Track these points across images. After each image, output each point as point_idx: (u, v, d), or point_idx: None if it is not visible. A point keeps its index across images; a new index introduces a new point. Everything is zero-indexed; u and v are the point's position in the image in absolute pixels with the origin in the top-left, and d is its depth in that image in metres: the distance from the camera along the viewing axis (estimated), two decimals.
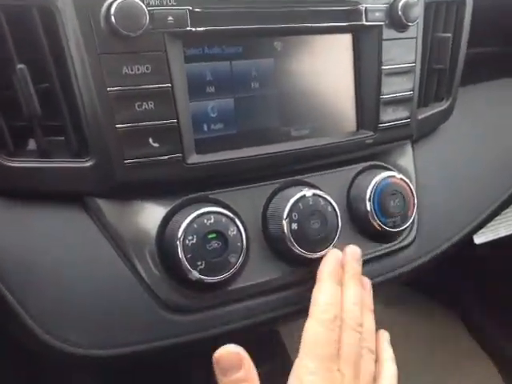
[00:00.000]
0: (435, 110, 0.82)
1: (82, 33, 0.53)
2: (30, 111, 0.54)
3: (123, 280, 0.58)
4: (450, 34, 0.79)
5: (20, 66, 0.53)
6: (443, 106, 0.83)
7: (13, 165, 0.55)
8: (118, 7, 0.52)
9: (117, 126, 0.55)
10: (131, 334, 0.58)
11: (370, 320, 0.63)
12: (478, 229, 0.83)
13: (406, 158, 0.79)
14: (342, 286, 0.61)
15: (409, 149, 0.80)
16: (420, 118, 0.79)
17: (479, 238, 1.07)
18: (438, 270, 1.52)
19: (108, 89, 0.54)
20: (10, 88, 0.54)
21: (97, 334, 0.57)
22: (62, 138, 0.58)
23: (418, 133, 0.79)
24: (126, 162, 0.57)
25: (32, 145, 0.58)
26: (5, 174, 0.55)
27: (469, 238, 0.83)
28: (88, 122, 0.56)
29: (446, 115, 0.84)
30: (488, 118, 0.90)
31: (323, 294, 0.60)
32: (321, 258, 0.64)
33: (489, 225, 1.02)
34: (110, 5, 0.53)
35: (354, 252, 0.64)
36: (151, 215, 0.60)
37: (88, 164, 0.57)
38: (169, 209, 0.61)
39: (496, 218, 0.98)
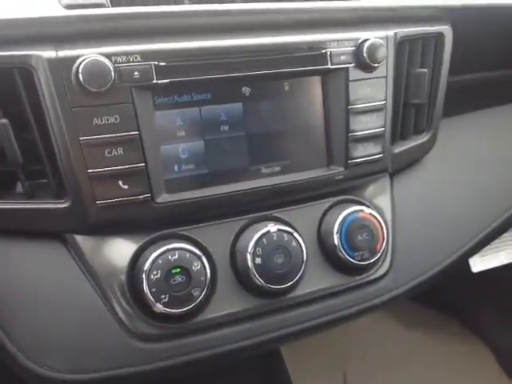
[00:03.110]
0: (414, 143, 0.83)
1: (56, 89, 0.59)
2: (13, 159, 0.61)
3: (95, 311, 0.64)
4: (425, 70, 0.80)
5: (2, 120, 0.59)
6: (423, 138, 0.84)
7: None
8: (85, 66, 0.58)
9: (88, 171, 0.61)
10: (102, 361, 0.63)
11: None
12: (459, 261, 0.84)
13: (382, 191, 0.81)
14: None
15: (386, 182, 0.82)
16: (397, 151, 0.81)
17: (476, 267, 1.07)
18: (456, 289, 1.51)
19: (80, 138, 0.60)
20: None
21: (71, 360, 0.63)
22: (45, 180, 0.64)
23: (395, 166, 0.81)
24: (97, 202, 0.62)
25: (19, 188, 0.64)
26: None
27: (450, 269, 0.84)
28: (64, 167, 0.61)
29: (426, 148, 0.85)
30: (473, 149, 0.91)
31: None
32: (286, 290, 0.67)
33: (487, 252, 1.02)
34: (80, 64, 0.58)
35: None
36: (123, 251, 0.65)
37: (65, 205, 0.63)
38: (139, 245, 0.65)
39: (494, 245, 0.98)
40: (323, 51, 0.70)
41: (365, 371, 1.50)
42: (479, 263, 1.07)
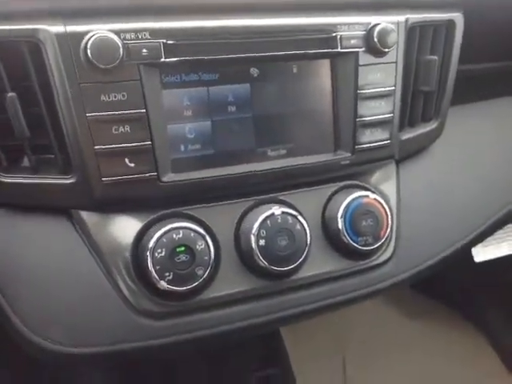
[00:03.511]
0: (422, 131, 0.83)
1: (64, 64, 0.59)
2: (20, 133, 0.61)
3: (100, 286, 0.64)
4: (435, 57, 0.79)
5: (10, 94, 0.59)
6: (431, 126, 0.84)
7: (5, 180, 0.62)
8: (94, 42, 0.58)
9: (95, 147, 0.61)
10: (105, 336, 0.64)
11: None
12: (462, 250, 0.84)
13: (388, 177, 0.81)
14: None
15: (392, 169, 0.81)
16: (404, 138, 0.80)
17: (479, 256, 1.07)
18: (460, 281, 1.52)
19: (87, 114, 0.60)
20: (2, 112, 0.60)
21: (74, 334, 0.64)
22: (52, 155, 0.64)
23: (402, 153, 0.81)
24: (103, 179, 0.62)
25: (26, 162, 0.65)
26: None
27: (453, 257, 0.84)
28: (70, 143, 0.62)
29: (434, 136, 0.85)
30: (480, 138, 0.90)
31: None
32: (289, 273, 0.68)
33: (490, 242, 1.02)
34: (88, 39, 0.58)
35: None
36: (128, 228, 0.66)
37: (71, 181, 0.63)
38: (144, 223, 0.66)
39: (498, 236, 0.98)
40: (333, 34, 0.69)
41: (364, 355, 1.52)
42: (482, 253, 1.07)
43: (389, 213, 0.74)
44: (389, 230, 0.74)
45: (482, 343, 1.59)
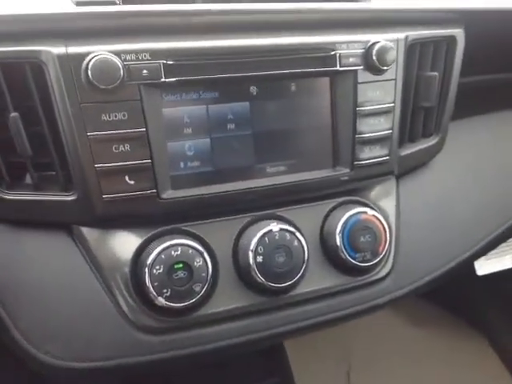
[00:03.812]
0: (422, 146, 0.83)
1: (66, 85, 0.60)
2: (23, 151, 0.62)
3: (99, 301, 0.65)
4: (436, 73, 0.79)
5: (13, 114, 0.61)
6: (431, 141, 0.84)
7: (8, 197, 0.64)
8: (95, 63, 0.59)
9: (96, 165, 0.62)
10: (104, 351, 0.65)
11: None
12: (463, 265, 0.84)
13: (388, 193, 0.81)
14: None
15: (391, 184, 0.82)
16: (404, 154, 0.81)
17: (482, 270, 1.06)
18: (465, 288, 1.51)
19: (88, 134, 0.61)
20: (5, 131, 0.62)
21: (74, 349, 0.65)
22: (53, 172, 0.65)
23: (401, 169, 0.81)
24: (104, 196, 0.63)
25: (28, 179, 0.66)
26: (2, 205, 0.64)
27: (454, 272, 0.84)
28: (72, 161, 0.63)
29: (434, 151, 0.85)
30: (481, 152, 0.90)
31: None
32: (287, 289, 0.68)
33: (492, 255, 1.02)
34: (89, 61, 0.59)
35: None
36: (127, 244, 0.67)
37: (72, 198, 0.64)
38: (144, 239, 0.67)
39: (501, 250, 0.97)
40: (332, 53, 0.70)
41: (368, 362, 1.52)
42: (484, 266, 1.07)
43: (387, 229, 0.74)
44: (387, 245, 0.75)
45: (486, 350, 1.58)
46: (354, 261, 0.73)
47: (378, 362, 1.53)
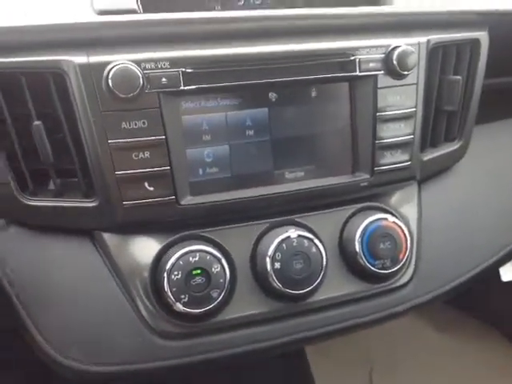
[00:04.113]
0: (445, 151, 0.81)
1: (87, 94, 0.61)
2: (45, 159, 0.64)
3: (119, 306, 0.66)
4: (459, 77, 0.78)
5: (36, 122, 0.62)
6: (454, 146, 0.82)
7: (32, 203, 0.65)
8: (116, 72, 0.60)
9: (116, 172, 0.63)
10: (123, 355, 0.66)
11: None
12: (486, 272, 0.82)
13: (409, 199, 0.80)
14: None
15: (413, 190, 0.80)
16: (426, 159, 0.79)
17: (507, 276, 1.04)
18: (489, 293, 1.48)
19: (109, 141, 0.62)
20: (29, 139, 0.63)
21: (94, 353, 0.66)
22: (75, 179, 0.67)
23: (423, 174, 0.80)
24: (124, 203, 0.64)
25: (51, 186, 0.68)
26: (26, 211, 0.65)
27: (477, 279, 0.82)
28: (93, 168, 0.64)
29: (457, 155, 0.83)
30: (506, 156, 0.88)
31: None
32: (305, 295, 0.68)
33: None
34: (110, 70, 0.60)
35: None
36: (147, 250, 0.68)
37: (93, 204, 0.65)
38: (163, 245, 0.68)
39: None
40: (352, 58, 0.69)
41: (391, 367, 1.50)
42: (510, 272, 1.05)
43: (408, 236, 0.73)
44: (408, 252, 0.73)
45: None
46: (373, 268, 0.72)
47: (400, 365, 1.51)
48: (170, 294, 0.64)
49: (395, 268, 0.73)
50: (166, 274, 0.64)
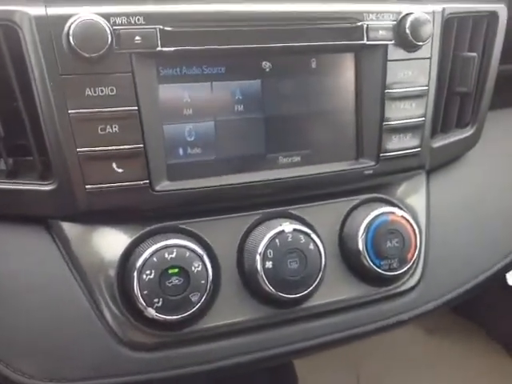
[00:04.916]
0: (456, 138, 0.75)
1: (44, 52, 0.52)
2: None
3: (79, 311, 0.58)
4: (474, 54, 0.71)
5: None
6: (467, 132, 0.76)
7: None
8: (78, 27, 0.51)
9: (78, 149, 0.54)
10: (84, 369, 0.57)
11: None
12: (498, 275, 0.75)
13: (417, 190, 0.73)
14: None
15: (421, 180, 0.74)
16: (436, 146, 0.73)
17: None
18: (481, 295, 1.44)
19: (69, 111, 0.53)
20: None
21: (49, 366, 0.57)
22: (30, 158, 0.57)
23: (433, 163, 0.73)
24: (87, 187, 0.55)
25: (1, 165, 0.58)
26: None
27: (487, 283, 0.75)
28: (50, 144, 0.55)
29: (470, 143, 0.77)
30: None
31: None
32: (300, 300, 0.60)
33: None
34: (71, 24, 0.51)
35: None
36: (114, 244, 0.59)
37: (50, 187, 0.56)
38: (133, 238, 0.59)
39: None
40: (359, 24, 0.62)
41: (379, 372, 1.45)
42: None
43: (417, 232, 0.66)
44: (417, 252, 0.66)
45: (502, 358, 1.51)
46: (378, 269, 0.64)
47: (389, 370, 1.47)
48: (140, 297, 0.55)
49: (403, 269, 0.65)
50: (136, 273, 0.55)
